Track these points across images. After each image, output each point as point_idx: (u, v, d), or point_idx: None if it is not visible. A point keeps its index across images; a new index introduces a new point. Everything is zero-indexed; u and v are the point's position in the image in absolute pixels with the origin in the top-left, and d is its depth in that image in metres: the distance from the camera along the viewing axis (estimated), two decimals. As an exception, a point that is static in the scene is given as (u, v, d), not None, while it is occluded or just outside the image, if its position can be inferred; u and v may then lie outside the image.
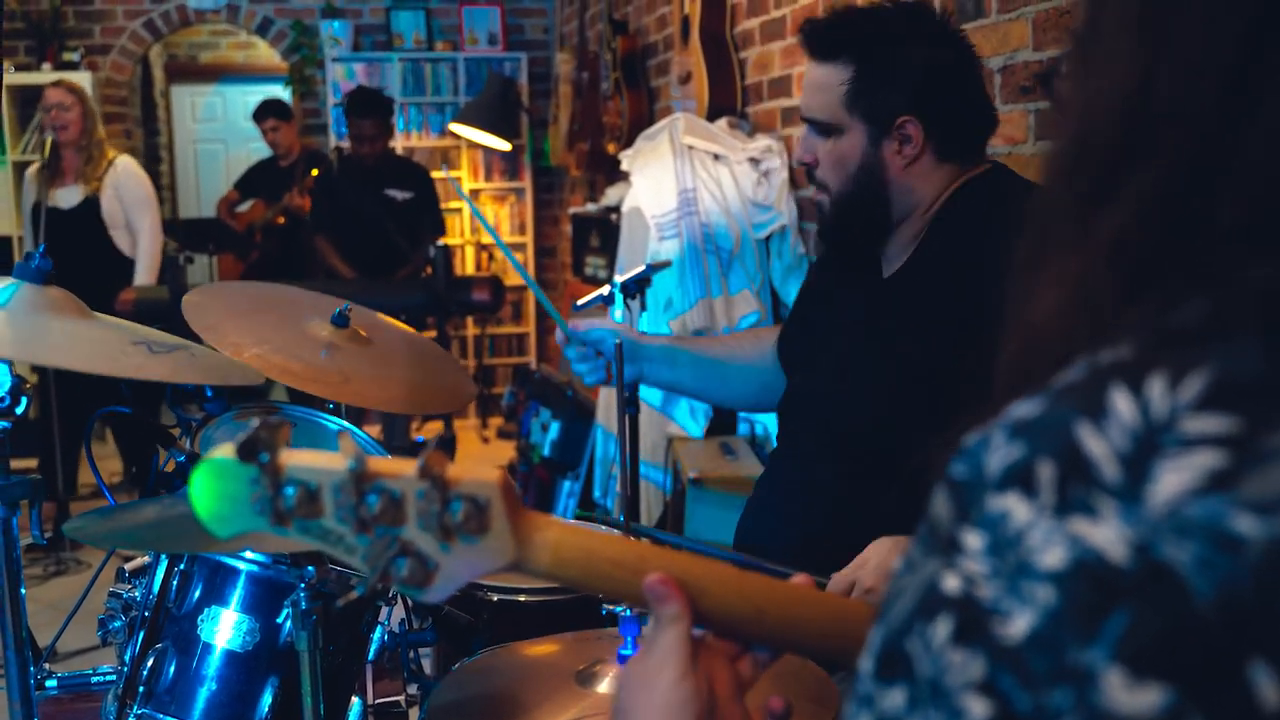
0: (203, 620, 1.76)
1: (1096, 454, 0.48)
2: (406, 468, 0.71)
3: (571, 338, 2.07)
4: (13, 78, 6.39)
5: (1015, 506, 0.49)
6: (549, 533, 0.76)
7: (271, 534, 0.73)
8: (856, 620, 0.79)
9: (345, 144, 6.13)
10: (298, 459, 0.72)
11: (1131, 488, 0.46)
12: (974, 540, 0.50)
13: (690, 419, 3.74)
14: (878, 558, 1.56)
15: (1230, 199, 0.52)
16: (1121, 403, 0.48)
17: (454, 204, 7.34)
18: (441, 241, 5.34)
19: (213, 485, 0.72)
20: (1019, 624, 0.47)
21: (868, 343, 1.82)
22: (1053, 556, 0.47)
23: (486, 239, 7.43)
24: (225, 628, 1.75)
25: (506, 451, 6.08)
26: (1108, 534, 0.46)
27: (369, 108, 5.37)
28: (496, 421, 7.06)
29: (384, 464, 0.72)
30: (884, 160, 1.75)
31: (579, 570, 0.77)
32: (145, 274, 5.15)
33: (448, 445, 0.89)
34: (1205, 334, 0.49)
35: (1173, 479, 0.46)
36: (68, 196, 5.05)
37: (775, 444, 2.00)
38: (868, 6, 1.81)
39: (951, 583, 0.50)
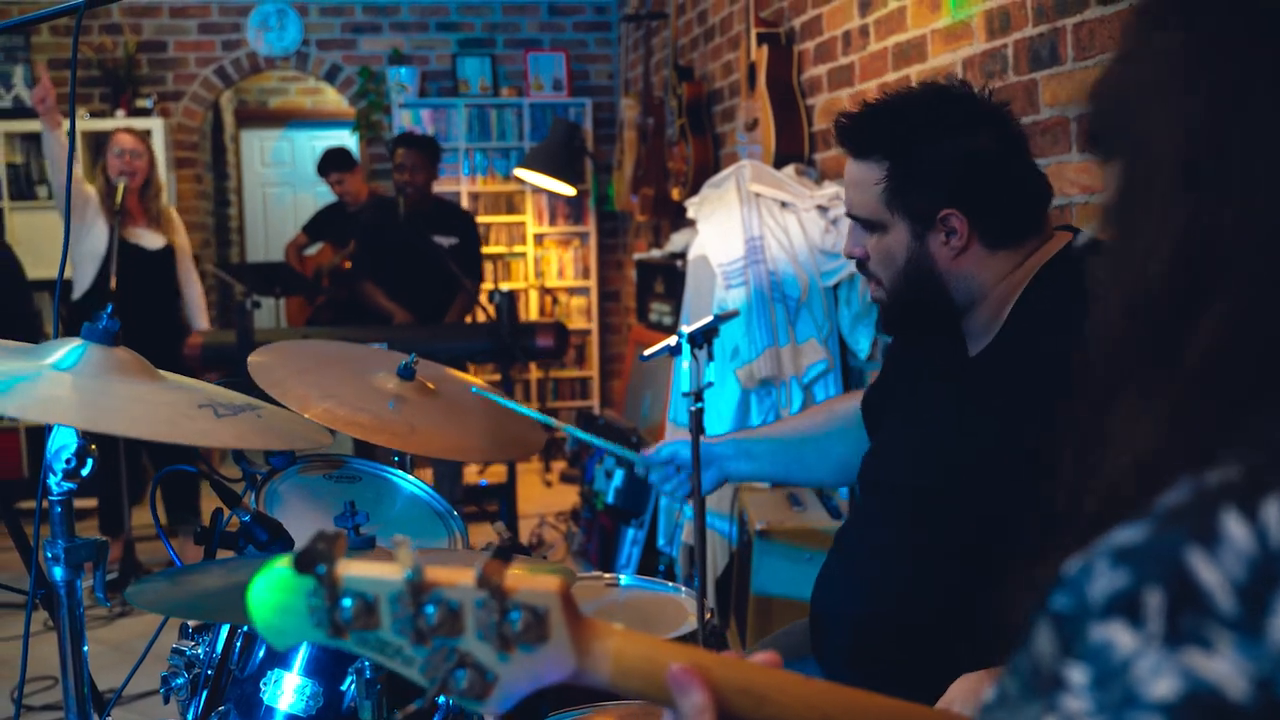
0: (265, 683, 1.73)
1: (1210, 583, 0.46)
2: (465, 576, 0.70)
3: (647, 464, 2.12)
4: (87, 124, 6.52)
5: (1119, 636, 0.47)
6: (610, 641, 0.74)
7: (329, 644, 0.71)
8: None
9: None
10: (355, 569, 0.70)
11: (1250, 620, 0.44)
12: (1078, 675, 0.48)
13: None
14: (962, 697, 1.47)
15: None
16: (1235, 528, 0.46)
17: (518, 249, 7.38)
18: (505, 287, 5.36)
19: (270, 598, 0.69)
20: None
21: (953, 420, 1.75)
22: (1163, 687, 0.45)
23: (550, 283, 7.45)
24: (288, 691, 1.72)
25: (569, 496, 6.05)
26: (1225, 667, 0.44)
27: (411, 140, 5.57)
28: (560, 465, 7.03)
29: (441, 573, 0.70)
30: (931, 254, 1.70)
31: (641, 680, 0.74)
32: (205, 317, 5.35)
33: (506, 552, 0.85)
34: None
35: None
36: (149, 239, 5.12)
37: (850, 507, 1.96)
38: (898, 96, 1.73)
39: None
